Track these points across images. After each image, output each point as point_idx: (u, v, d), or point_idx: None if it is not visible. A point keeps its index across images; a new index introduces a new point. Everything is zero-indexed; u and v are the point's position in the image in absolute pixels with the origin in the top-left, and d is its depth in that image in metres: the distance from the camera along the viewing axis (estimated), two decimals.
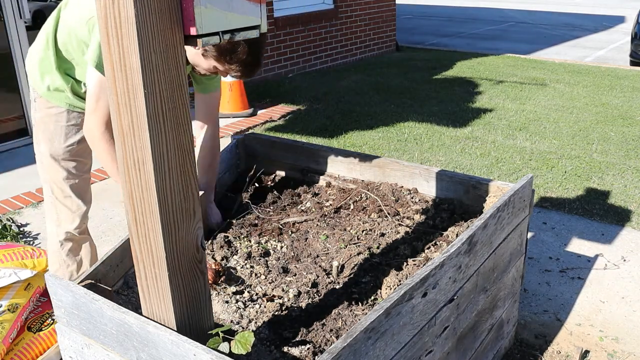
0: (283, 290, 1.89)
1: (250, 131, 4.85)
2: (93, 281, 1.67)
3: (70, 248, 2.36)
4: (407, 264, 1.97)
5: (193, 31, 1.20)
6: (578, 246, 3.33)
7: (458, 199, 2.33)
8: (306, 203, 2.46)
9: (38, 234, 3.56)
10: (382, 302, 1.44)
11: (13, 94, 5.07)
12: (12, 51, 4.94)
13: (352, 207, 2.38)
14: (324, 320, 1.74)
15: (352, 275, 1.95)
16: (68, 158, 2.24)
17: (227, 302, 1.81)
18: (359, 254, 2.05)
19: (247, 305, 1.81)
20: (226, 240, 2.15)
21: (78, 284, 1.60)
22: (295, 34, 7.67)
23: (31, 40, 5.00)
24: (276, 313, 1.77)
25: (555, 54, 9.85)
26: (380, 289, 1.88)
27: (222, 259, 2.04)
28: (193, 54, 1.88)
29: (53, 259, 2.39)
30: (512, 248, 2.15)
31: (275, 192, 2.55)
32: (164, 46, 1.19)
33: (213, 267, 1.89)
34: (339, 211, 2.37)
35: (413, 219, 2.26)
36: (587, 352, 2.48)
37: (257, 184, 2.63)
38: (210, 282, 1.86)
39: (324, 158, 2.63)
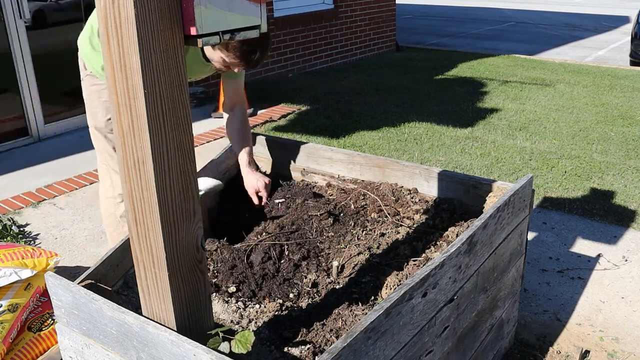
0: (283, 290, 1.89)
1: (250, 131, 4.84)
2: (93, 281, 1.67)
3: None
4: (407, 264, 1.97)
5: (193, 31, 1.20)
6: (578, 246, 3.33)
7: (458, 199, 2.33)
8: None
9: (38, 234, 3.56)
10: (382, 302, 1.44)
11: (13, 94, 5.07)
12: (12, 51, 4.94)
13: (352, 207, 2.38)
14: (324, 320, 1.74)
15: (352, 275, 1.95)
16: (110, 131, 2.47)
17: (227, 302, 1.81)
18: (359, 254, 2.04)
19: (247, 305, 1.81)
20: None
21: (78, 284, 1.60)
22: (295, 34, 7.67)
23: (31, 40, 5.02)
24: (276, 313, 1.77)
25: (556, 54, 9.86)
26: (380, 289, 1.88)
27: None
28: (208, 50, 2.14)
29: (109, 221, 2.62)
30: (512, 248, 2.15)
31: (275, 192, 2.55)
32: (164, 46, 1.19)
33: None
34: (339, 211, 2.37)
35: (413, 219, 2.26)
36: (587, 352, 2.48)
37: None
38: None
39: (324, 158, 2.63)
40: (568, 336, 2.58)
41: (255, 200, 2.43)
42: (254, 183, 2.42)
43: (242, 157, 2.48)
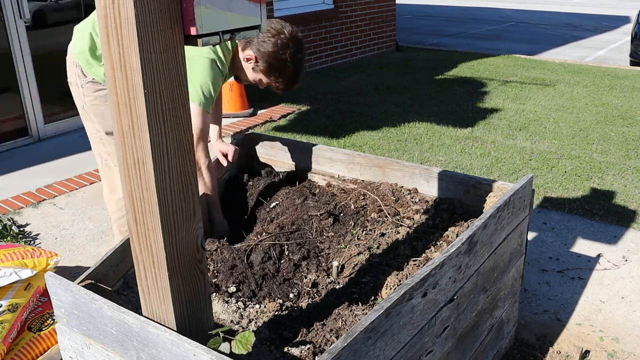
0: (283, 290, 1.89)
1: (250, 131, 4.84)
2: (93, 281, 1.67)
3: None
4: (407, 264, 1.97)
5: (193, 31, 1.20)
6: (578, 246, 3.33)
7: (458, 199, 2.33)
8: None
9: (38, 234, 3.56)
10: (382, 302, 1.44)
11: (13, 94, 5.07)
12: (12, 51, 4.94)
13: (352, 207, 2.38)
14: (324, 320, 1.74)
15: (352, 275, 1.95)
16: None
17: (227, 302, 1.81)
18: (359, 254, 2.05)
19: (247, 305, 1.81)
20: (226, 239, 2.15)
21: (78, 284, 1.60)
22: None
23: (31, 40, 5.02)
24: (276, 313, 1.77)
25: (556, 54, 9.85)
26: (380, 289, 1.88)
27: None
28: (243, 66, 2.28)
29: (121, 222, 2.63)
30: (512, 248, 2.15)
31: (275, 192, 2.55)
32: (164, 46, 1.19)
33: None
34: (339, 211, 2.37)
35: (413, 219, 2.26)
36: (587, 352, 2.48)
37: (256, 184, 2.63)
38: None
39: (324, 158, 2.63)
40: (568, 336, 2.58)
41: (223, 161, 2.58)
42: (224, 148, 2.60)
43: (215, 131, 2.67)
